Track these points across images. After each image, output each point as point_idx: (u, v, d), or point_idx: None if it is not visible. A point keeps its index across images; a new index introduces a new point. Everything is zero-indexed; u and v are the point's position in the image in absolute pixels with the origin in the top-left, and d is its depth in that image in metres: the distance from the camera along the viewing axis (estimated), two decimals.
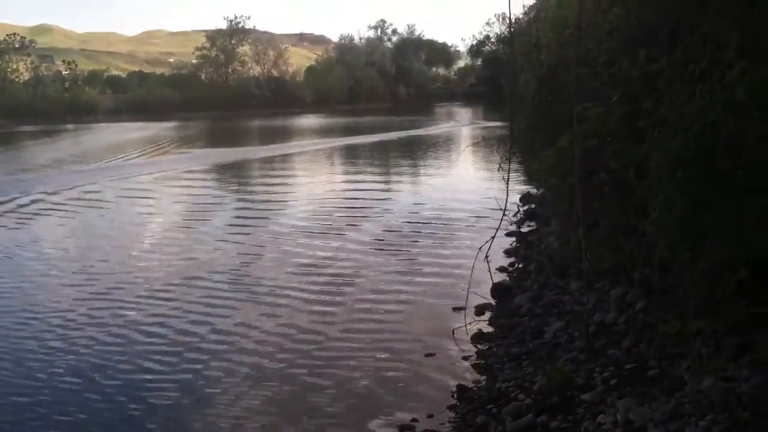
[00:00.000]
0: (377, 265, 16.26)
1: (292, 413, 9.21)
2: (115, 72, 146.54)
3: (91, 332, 12.50)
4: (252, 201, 27.29)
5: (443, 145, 50.27)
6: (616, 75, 11.38)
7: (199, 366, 10.87)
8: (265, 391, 9.88)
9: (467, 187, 28.05)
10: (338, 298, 13.96)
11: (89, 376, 10.61)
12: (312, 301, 13.88)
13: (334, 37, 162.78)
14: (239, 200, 28.08)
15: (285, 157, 43.84)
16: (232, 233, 20.66)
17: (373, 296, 14.01)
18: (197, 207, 25.90)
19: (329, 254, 17.47)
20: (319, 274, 15.62)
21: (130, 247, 19.48)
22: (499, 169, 16.02)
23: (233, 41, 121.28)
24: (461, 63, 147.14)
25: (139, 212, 25.26)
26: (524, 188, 23.14)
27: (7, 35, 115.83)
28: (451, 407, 9.01)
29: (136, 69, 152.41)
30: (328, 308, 13.38)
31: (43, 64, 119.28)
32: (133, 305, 14.02)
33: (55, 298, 14.74)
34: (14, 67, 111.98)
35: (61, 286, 15.73)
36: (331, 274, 15.62)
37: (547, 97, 16.38)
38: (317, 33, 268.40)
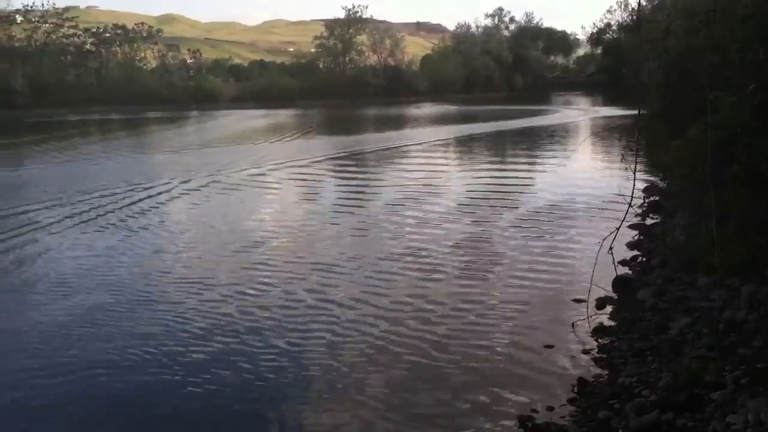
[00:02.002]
0: (500, 256, 16.19)
1: (411, 395, 9.33)
2: (237, 61, 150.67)
3: (241, 297, 13.72)
4: (391, 187, 27.36)
5: (562, 134, 49.41)
6: (750, 64, 10.93)
7: (349, 336, 11.55)
8: (388, 370, 10.11)
9: (588, 177, 27.54)
10: (460, 285, 14.03)
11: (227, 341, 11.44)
12: (438, 285, 14.11)
13: (451, 26, 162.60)
14: (379, 185, 28.29)
15: (410, 146, 43.69)
16: (384, 215, 21.45)
17: (495, 286, 13.98)
18: (346, 192, 26.92)
19: (453, 241, 17.60)
20: (438, 264, 15.69)
21: (287, 227, 20.26)
22: (621, 160, 15.64)
23: (351, 30, 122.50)
24: (580, 51, 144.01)
25: (290, 196, 26.51)
26: (647, 180, 22.54)
27: (136, 24, 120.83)
28: (571, 400, 8.89)
29: (258, 58, 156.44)
30: (452, 293, 13.50)
31: (170, 53, 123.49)
32: (296, 275, 15.10)
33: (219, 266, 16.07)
34: (142, 55, 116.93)
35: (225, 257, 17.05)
36: (457, 262, 15.74)
37: (674, 86, 15.89)
38: (434, 22, 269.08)
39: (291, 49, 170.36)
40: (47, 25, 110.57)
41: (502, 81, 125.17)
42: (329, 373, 10.08)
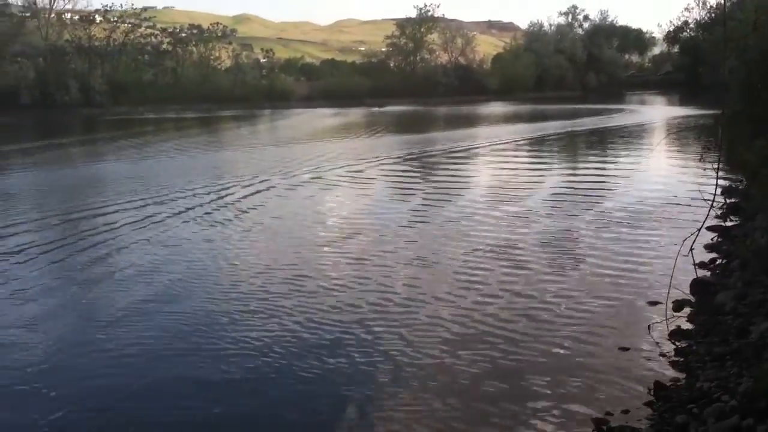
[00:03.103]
0: (578, 256, 16.01)
1: (485, 391, 9.33)
2: (308, 60, 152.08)
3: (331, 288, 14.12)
4: (469, 186, 27.67)
5: (638, 134, 48.55)
6: None
7: (428, 331, 11.65)
8: (464, 366, 10.13)
9: (666, 178, 27.07)
10: (539, 285, 13.92)
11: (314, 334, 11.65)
12: (517, 284, 14.07)
13: (523, 25, 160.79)
14: (457, 184, 28.33)
15: (484, 145, 43.27)
16: (465, 213, 21.46)
17: (572, 286, 13.81)
18: (426, 190, 26.90)
19: (532, 241, 17.55)
20: (518, 263, 15.63)
21: (374, 223, 20.51)
22: (700, 160, 15.28)
23: (422, 29, 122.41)
24: (656, 50, 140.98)
25: (374, 192, 26.76)
26: (726, 181, 22.01)
27: (211, 24, 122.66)
28: (647, 404, 8.72)
29: (329, 57, 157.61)
30: (531, 293, 13.45)
31: (243, 53, 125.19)
32: (382, 270, 15.35)
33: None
34: (217, 54, 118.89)
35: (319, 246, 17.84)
36: (536, 262, 15.66)
37: (757, 84, 15.49)
38: (506, 20, 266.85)
39: (362, 48, 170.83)
40: (125, 25, 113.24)
41: (575, 80, 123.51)
42: (408, 366, 10.20)
